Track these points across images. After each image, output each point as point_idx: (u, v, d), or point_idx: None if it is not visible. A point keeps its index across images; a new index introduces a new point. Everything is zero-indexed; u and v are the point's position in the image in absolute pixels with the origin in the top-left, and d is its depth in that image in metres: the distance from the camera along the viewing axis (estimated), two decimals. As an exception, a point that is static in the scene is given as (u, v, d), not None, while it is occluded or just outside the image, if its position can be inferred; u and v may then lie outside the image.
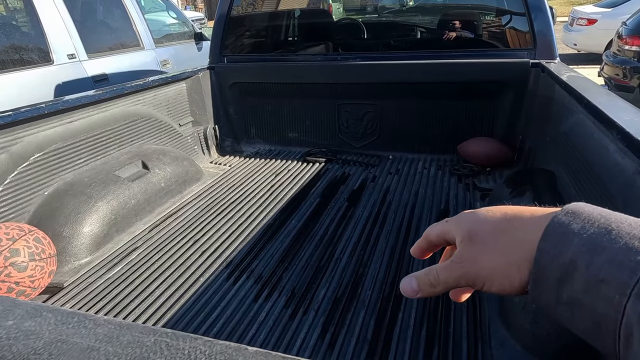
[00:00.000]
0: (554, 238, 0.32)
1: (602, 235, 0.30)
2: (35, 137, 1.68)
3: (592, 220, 0.31)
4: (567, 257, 0.31)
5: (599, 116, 1.22)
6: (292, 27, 3.23)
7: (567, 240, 0.31)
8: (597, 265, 0.29)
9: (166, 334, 0.39)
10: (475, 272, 0.37)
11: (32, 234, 1.41)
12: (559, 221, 0.33)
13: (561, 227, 0.32)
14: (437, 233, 0.42)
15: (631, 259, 0.27)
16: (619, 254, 0.28)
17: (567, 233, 0.32)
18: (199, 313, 1.33)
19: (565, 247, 0.31)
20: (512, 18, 2.47)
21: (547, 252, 0.32)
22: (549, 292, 0.32)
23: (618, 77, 5.45)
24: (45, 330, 0.40)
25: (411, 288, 0.40)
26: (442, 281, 0.39)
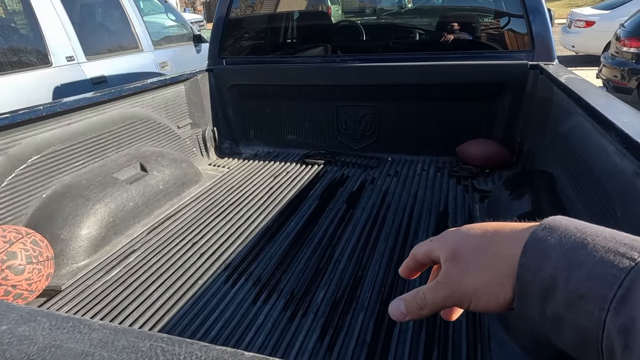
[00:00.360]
0: (533, 253, 0.32)
1: (579, 249, 0.30)
2: (33, 139, 1.67)
3: (568, 234, 0.31)
4: (547, 273, 0.31)
5: (597, 118, 1.22)
6: (290, 29, 3.23)
7: (545, 255, 0.31)
8: (576, 280, 0.29)
9: (162, 339, 0.39)
10: (461, 291, 0.37)
11: (29, 237, 1.40)
12: (536, 236, 0.33)
13: (539, 242, 0.32)
14: (423, 252, 0.43)
15: (608, 273, 0.28)
16: (596, 268, 0.28)
17: (545, 248, 0.32)
18: (197, 316, 1.33)
19: (545, 262, 0.31)
20: (511, 20, 2.47)
21: (528, 267, 0.32)
22: (533, 307, 0.32)
23: (616, 78, 5.46)
24: (40, 335, 0.40)
25: (399, 311, 0.40)
26: (429, 303, 0.39)
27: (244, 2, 2.97)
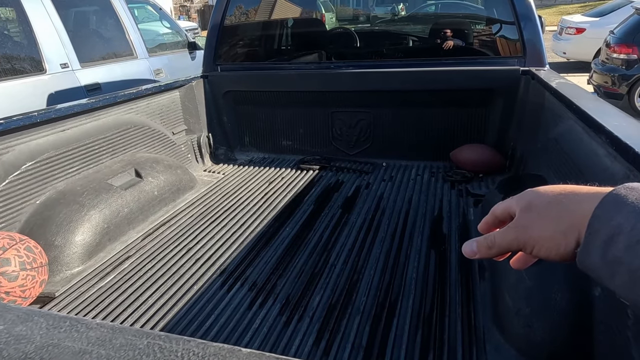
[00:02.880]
0: (608, 206, 0.36)
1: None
2: (27, 145, 1.67)
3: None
4: (616, 222, 0.34)
5: (588, 121, 1.24)
6: (285, 36, 3.25)
7: (620, 207, 0.35)
8: (639, 228, 0.32)
9: (159, 336, 0.39)
10: (526, 236, 0.41)
11: (23, 243, 1.39)
12: (617, 192, 0.36)
13: (617, 197, 0.36)
14: (502, 208, 0.46)
15: None
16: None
17: (621, 202, 0.35)
18: (192, 321, 1.32)
19: (617, 214, 0.35)
20: (502, 27, 2.51)
21: (600, 217, 0.36)
22: (596, 253, 0.35)
23: (607, 84, 5.54)
24: (37, 334, 0.40)
25: (470, 249, 0.46)
26: (497, 243, 0.44)
27: (238, 9, 2.99)
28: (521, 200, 0.44)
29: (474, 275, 1.46)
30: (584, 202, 0.38)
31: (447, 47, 2.64)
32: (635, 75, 5.22)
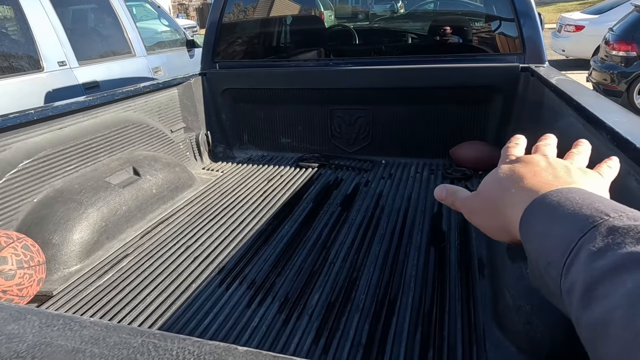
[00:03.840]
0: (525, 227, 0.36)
1: (549, 222, 0.33)
2: (24, 143, 1.66)
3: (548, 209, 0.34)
4: (534, 244, 0.34)
5: (588, 118, 1.23)
6: (284, 33, 3.24)
7: (532, 228, 0.35)
8: (546, 251, 0.32)
9: (154, 335, 0.38)
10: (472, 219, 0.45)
11: (20, 242, 1.38)
12: (528, 211, 0.36)
13: (529, 217, 0.36)
14: None
15: (563, 244, 0.30)
16: (556, 239, 0.31)
17: (532, 222, 0.35)
18: (191, 319, 1.32)
19: (532, 235, 0.35)
20: (502, 24, 2.50)
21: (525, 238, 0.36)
22: (535, 272, 0.35)
23: (606, 82, 5.54)
24: (29, 333, 0.39)
25: (440, 193, 0.49)
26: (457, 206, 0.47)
27: (236, 7, 2.98)
28: (482, 181, 0.45)
29: (473, 273, 1.45)
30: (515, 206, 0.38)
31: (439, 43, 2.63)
32: (634, 73, 5.22)
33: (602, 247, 0.27)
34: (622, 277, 0.25)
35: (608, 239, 0.27)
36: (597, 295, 0.26)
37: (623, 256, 0.26)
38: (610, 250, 0.27)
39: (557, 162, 0.41)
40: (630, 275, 0.24)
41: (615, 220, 0.28)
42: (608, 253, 0.27)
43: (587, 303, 0.26)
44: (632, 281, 0.24)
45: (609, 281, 0.25)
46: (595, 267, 0.27)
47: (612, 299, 0.25)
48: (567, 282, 0.29)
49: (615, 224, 0.28)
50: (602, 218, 0.29)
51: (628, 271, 0.25)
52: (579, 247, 0.29)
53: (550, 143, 0.48)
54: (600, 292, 0.26)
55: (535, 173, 0.40)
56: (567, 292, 0.29)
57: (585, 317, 0.26)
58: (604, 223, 0.29)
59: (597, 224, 0.29)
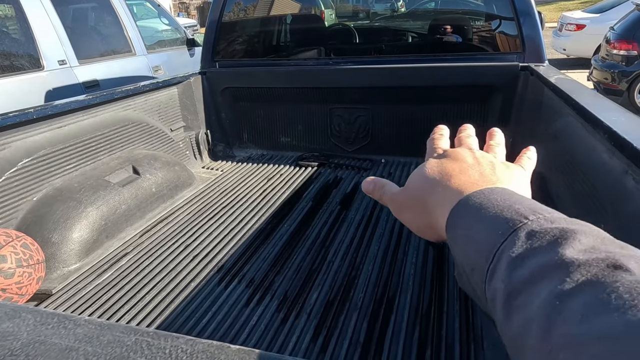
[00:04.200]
0: (451, 230, 0.35)
1: (473, 226, 0.32)
2: (24, 142, 1.66)
3: (471, 212, 0.34)
4: (459, 247, 0.34)
5: (586, 117, 1.23)
6: (284, 32, 3.24)
7: (458, 231, 0.34)
8: (471, 256, 0.32)
9: (147, 333, 0.39)
10: (399, 216, 0.44)
11: (19, 240, 1.39)
12: (453, 213, 0.35)
13: (454, 218, 0.35)
14: None
15: (485, 249, 0.30)
16: (479, 244, 0.31)
17: (457, 225, 0.35)
18: (189, 318, 1.32)
19: (458, 238, 0.34)
20: (502, 23, 2.49)
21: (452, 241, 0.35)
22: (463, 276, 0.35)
23: (607, 81, 5.53)
24: (24, 331, 0.40)
25: (366, 187, 0.47)
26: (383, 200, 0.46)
27: (236, 5, 2.98)
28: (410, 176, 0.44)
29: (472, 272, 1.45)
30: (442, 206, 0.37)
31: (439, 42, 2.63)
32: (635, 72, 5.21)
33: (521, 253, 0.27)
34: (538, 286, 0.24)
35: (527, 245, 0.27)
36: (516, 306, 0.25)
37: (540, 263, 0.25)
38: (528, 256, 0.26)
39: (483, 158, 0.41)
40: (545, 284, 0.24)
41: (533, 224, 0.28)
42: (526, 260, 0.26)
43: (507, 313, 0.26)
44: (546, 291, 0.24)
45: (526, 291, 0.25)
46: (514, 275, 0.26)
47: (529, 310, 0.24)
48: (491, 289, 0.28)
49: (533, 227, 0.28)
50: (521, 221, 0.29)
51: (544, 279, 0.24)
52: (500, 252, 0.28)
53: (471, 134, 0.48)
54: (518, 303, 0.25)
55: (462, 170, 0.39)
56: (491, 299, 0.28)
57: (507, 328, 0.26)
58: (523, 227, 0.28)
59: (517, 227, 0.29)
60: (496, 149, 0.46)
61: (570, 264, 0.24)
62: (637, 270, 0.22)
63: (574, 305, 0.22)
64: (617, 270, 0.22)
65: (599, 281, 0.22)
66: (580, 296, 0.22)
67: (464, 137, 0.47)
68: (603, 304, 0.21)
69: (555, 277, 0.24)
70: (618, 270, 0.22)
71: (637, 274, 0.22)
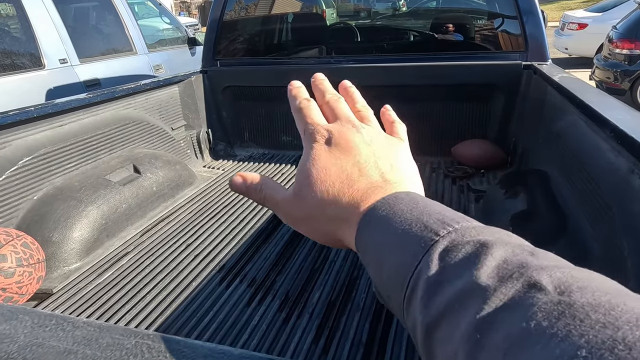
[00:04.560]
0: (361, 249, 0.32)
1: (382, 247, 0.29)
2: (24, 141, 1.65)
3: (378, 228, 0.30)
4: (372, 270, 0.30)
5: (592, 115, 1.22)
6: (285, 31, 3.23)
7: (367, 252, 0.31)
8: (384, 281, 0.29)
9: (147, 336, 0.38)
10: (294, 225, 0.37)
11: (19, 239, 1.38)
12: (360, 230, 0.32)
13: (362, 236, 0.31)
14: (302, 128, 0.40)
15: (399, 275, 0.27)
16: (391, 270, 0.28)
17: (366, 246, 0.31)
18: (191, 318, 1.31)
19: (368, 260, 0.31)
20: (504, 21, 2.48)
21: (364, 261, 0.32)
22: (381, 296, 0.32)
23: (609, 80, 5.51)
24: (21, 333, 0.39)
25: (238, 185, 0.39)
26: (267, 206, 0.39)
27: (238, 4, 2.97)
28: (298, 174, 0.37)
29: (475, 272, 1.44)
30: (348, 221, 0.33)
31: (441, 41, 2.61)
32: (637, 71, 5.18)
33: (436, 278, 0.25)
34: (457, 316, 0.23)
35: (440, 267, 0.25)
36: (437, 339, 0.23)
37: (455, 290, 0.23)
38: (442, 282, 0.24)
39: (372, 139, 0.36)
40: (463, 314, 0.22)
41: (445, 240, 0.26)
42: (441, 286, 0.24)
43: (428, 348, 0.24)
44: (465, 323, 0.22)
45: (445, 322, 0.23)
46: (432, 305, 0.24)
47: (451, 344, 0.22)
48: (410, 319, 0.26)
49: (446, 245, 0.26)
50: (432, 239, 0.26)
51: (461, 308, 0.23)
52: (415, 278, 0.26)
53: (336, 93, 0.41)
54: (439, 336, 0.23)
55: (360, 169, 0.34)
56: (411, 329, 0.26)
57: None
58: (435, 245, 0.26)
59: (429, 247, 0.26)
60: (367, 114, 0.40)
61: (486, 289, 0.22)
62: (550, 287, 0.21)
63: (496, 339, 0.20)
64: (532, 290, 0.21)
65: (516, 305, 0.21)
66: (500, 327, 0.20)
67: (334, 102, 0.40)
68: (524, 335, 0.19)
69: (473, 305, 0.22)
70: (533, 289, 0.21)
71: (550, 292, 0.21)
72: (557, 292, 0.20)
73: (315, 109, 0.40)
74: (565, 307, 0.19)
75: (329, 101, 0.41)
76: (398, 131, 0.42)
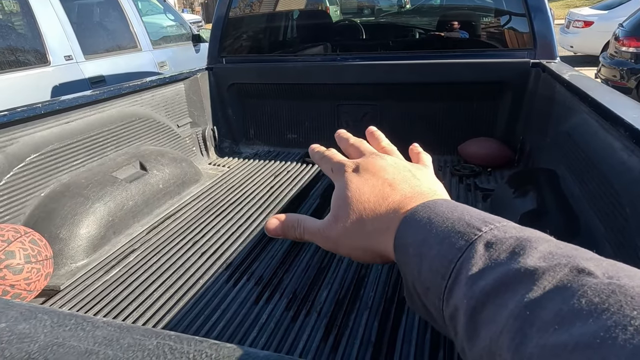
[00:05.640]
0: (400, 249, 0.33)
1: (424, 242, 0.31)
2: (32, 137, 1.65)
3: (420, 227, 0.32)
4: (410, 267, 0.32)
5: (604, 114, 1.21)
6: (290, 28, 3.22)
7: (407, 249, 0.32)
8: (424, 274, 0.30)
9: (169, 336, 0.37)
10: (337, 250, 0.39)
11: (28, 236, 1.38)
12: (400, 231, 0.33)
13: (401, 238, 0.33)
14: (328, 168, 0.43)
15: (442, 266, 0.28)
16: (433, 262, 0.29)
17: (406, 244, 0.33)
18: (198, 315, 1.31)
19: (407, 257, 0.32)
20: (512, 18, 2.46)
21: (400, 262, 0.33)
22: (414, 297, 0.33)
23: (615, 78, 5.47)
24: (41, 333, 0.38)
25: (274, 229, 0.42)
26: (305, 239, 0.40)
27: (243, 1, 2.96)
28: (334, 203, 0.39)
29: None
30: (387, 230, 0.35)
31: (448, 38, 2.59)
32: (644, 69, 5.14)
33: (481, 266, 0.26)
34: (503, 297, 0.23)
35: (485, 256, 0.26)
36: (482, 320, 0.24)
37: (502, 273, 0.24)
38: (489, 268, 0.25)
39: (396, 164, 0.39)
40: (510, 295, 0.23)
41: (487, 235, 0.28)
42: (487, 271, 0.25)
43: (473, 329, 0.25)
44: (514, 302, 0.23)
45: (491, 304, 0.24)
46: (476, 289, 0.25)
47: (497, 323, 0.23)
48: (450, 307, 0.27)
49: (488, 239, 0.27)
50: (475, 234, 0.28)
51: (508, 290, 0.23)
52: (458, 268, 0.27)
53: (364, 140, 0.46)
54: (484, 317, 0.24)
55: (392, 185, 0.37)
56: (450, 318, 0.27)
57: (473, 345, 0.25)
58: (478, 239, 0.27)
59: (473, 240, 0.27)
60: (391, 149, 0.44)
61: (534, 272, 0.23)
62: (599, 273, 0.22)
63: (545, 314, 0.21)
64: (581, 274, 0.22)
65: (565, 287, 0.22)
66: (550, 304, 0.21)
67: (357, 143, 0.44)
68: (575, 310, 0.20)
69: (521, 287, 0.23)
70: (582, 274, 0.22)
71: (600, 277, 0.21)
72: (605, 276, 0.21)
73: (338, 153, 0.44)
74: (615, 287, 0.20)
75: (353, 143, 0.45)
76: (423, 159, 0.45)
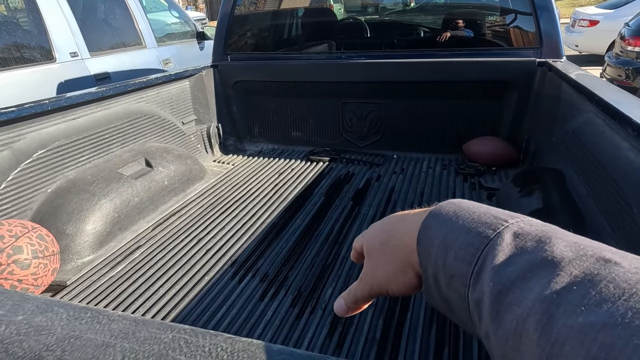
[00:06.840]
0: (423, 242, 0.35)
1: (450, 233, 0.32)
2: (39, 133, 1.66)
3: (446, 219, 0.33)
4: (433, 258, 0.33)
5: (611, 113, 1.21)
6: (295, 26, 3.22)
7: (431, 242, 0.34)
8: (449, 262, 0.31)
9: (184, 330, 0.38)
10: (377, 283, 0.41)
11: (35, 231, 1.39)
12: (424, 225, 0.35)
13: (427, 230, 0.35)
14: (358, 246, 0.46)
15: (468, 252, 0.30)
16: (460, 249, 0.31)
17: (430, 236, 0.34)
18: (204, 312, 1.31)
19: (431, 249, 0.34)
20: (518, 17, 2.45)
21: (423, 254, 0.35)
22: (432, 291, 0.34)
23: (620, 78, 5.44)
24: (57, 325, 0.39)
25: (340, 308, 0.44)
26: (359, 297, 0.43)
27: (248, -2, 2.96)
28: (364, 245, 0.43)
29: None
30: (407, 236, 0.37)
31: (453, 37, 2.58)
32: (650, 69, 5.11)
33: (508, 253, 0.27)
34: (529, 282, 0.24)
35: (512, 245, 0.27)
36: (508, 303, 0.25)
37: (529, 260, 0.25)
38: (516, 255, 0.27)
39: None
40: (537, 280, 0.24)
41: (514, 226, 0.29)
42: (514, 258, 0.26)
43: (498, 312, 0.26)
44: (540, 286, 0.23)
45: (517, 288, 0.25)
46: (503, 273, 0.26)
47: (523, 307, 0.24)
48: (476, 292, 0.28)
49: (515, 229, 0.29)
50: (502, 224, 0.29)
51: (535, 275, 0.24)
52: (485, 255, 0.28)
53: None
54: (510, 300, 0.25)
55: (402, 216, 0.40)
56: (476, 303, 0.28)
57: (496, 329, 0.25)
58: (506, 229, 0.29)
59: (500, 230, 0.29)
60: None
61: (561, 260, 0.24)
62: (625, 263, 0.22)
63: (573, 297, 0.22)
64: (608, 264, 0.22)
65: (593, 274, 0.22)
66: (577, 288, 0.22)
67: None
68: (603, 294, 0.21)
69: (548, 273, 0.24)
70: (609, 263, 0.22)
71: (626, 267, 0.22)
72: (632, 267, 0.22)
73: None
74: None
75: None
76: None
